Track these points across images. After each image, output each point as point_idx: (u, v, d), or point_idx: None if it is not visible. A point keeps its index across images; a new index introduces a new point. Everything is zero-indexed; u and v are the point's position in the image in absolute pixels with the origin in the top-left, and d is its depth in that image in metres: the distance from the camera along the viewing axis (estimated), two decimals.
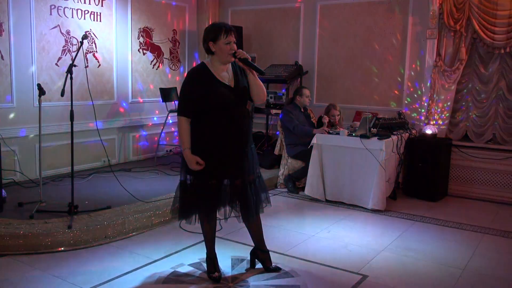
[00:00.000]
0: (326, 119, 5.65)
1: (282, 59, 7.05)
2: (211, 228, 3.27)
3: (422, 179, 5.54)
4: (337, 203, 5.24)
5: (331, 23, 6.62)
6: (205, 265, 3.38)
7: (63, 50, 5.65)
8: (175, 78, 7.25)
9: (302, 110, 5.81)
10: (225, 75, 3.03)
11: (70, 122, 4.02)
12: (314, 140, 5.31)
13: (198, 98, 2.95)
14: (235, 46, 3.00)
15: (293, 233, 4.29)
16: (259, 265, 3.45)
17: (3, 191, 4.32)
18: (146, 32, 6.72)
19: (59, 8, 5.58)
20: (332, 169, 5.27)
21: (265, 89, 3.12)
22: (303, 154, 5.58)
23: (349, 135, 5.24)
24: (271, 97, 6.70)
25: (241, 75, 3.07)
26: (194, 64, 7.50)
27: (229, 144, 3.02)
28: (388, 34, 6.22)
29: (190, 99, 2.97)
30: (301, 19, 6.85)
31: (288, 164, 5.80)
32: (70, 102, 4.01)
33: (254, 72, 3.07)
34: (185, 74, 7.40)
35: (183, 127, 3.00)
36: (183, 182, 3.13)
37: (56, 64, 5.59)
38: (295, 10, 6.92)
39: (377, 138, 5.04)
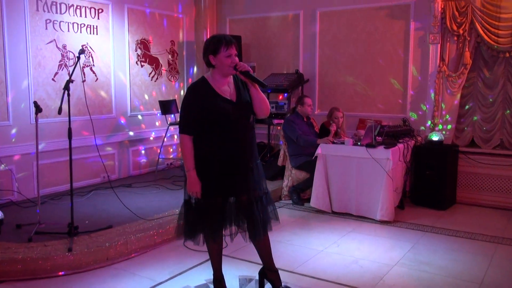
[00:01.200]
0: (334, 127, 5.55)
1: (282, 67, 7.00)
2: (218, 248, 3.15)
3: (429, 187, 5.44)
4: (344, 214, 5.13)
5: (331, 30, 6.57)
6: (212, 286, 3.24)
7: (60, 65, 5.58)
8: (174, 90, 7.18)
9: (304, 119, 5.72)
10: (226, 89, 2.95)
11: (68, 139, 3.94)
12: (318, 150, 5.22)
13: (199, 114, 2.88)
14: (236, 59, 2.92)
15: (300, 248, 4.16)
16: (268, 286, 3.31)
17: (0, 212, 4.19)
18: (143, 44, 6.66)
19: (55, 22, 5.50)
20: (338, 179, 5.17)
21: (268, 103, 3.03)
22: (308, 164, 5.49)
23: (354, 144, 5.14)
24: (272, 107, 6.62)
25: (243, 89, 3.00)
26: (193, 76, 7.44)
27: (233, 160, 2.93)
28: (389, 40, 6.16)
29: (191, 115, 2.89)
30: (301, 26, 6.80)
31: (292, 175, 5.70)
32: (68, 118, 3.93)
33: (256, 85, 2.97)
34: (181, 84, 7.32)
35: (186, 146, 2.91)
36: (187, 201, 3.04)
37: (53, 79, 5.51)
38: (294, 17, 6.87)
39: (383, 147, 4.94)
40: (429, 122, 5.87)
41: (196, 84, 2.97)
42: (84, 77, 5.82)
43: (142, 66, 6.66)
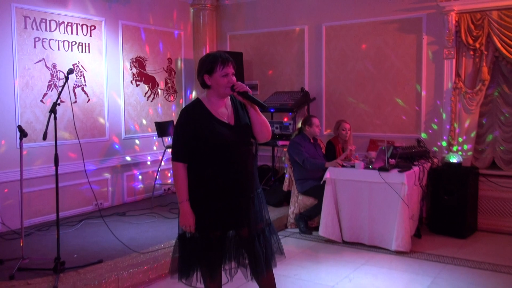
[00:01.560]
0: (353, 147, 5.49)
1: (287, 85, 6.95)
2: (217, 287, 2.98)
3: (448, 214, 5.28)
4: (356, 244, 4.97)
5: (338, 45, 6.52)
6: None
7: (49, 85, 5.51)
8: (171, 110, 7.11)
9: (311, 141, 5.60)
10: (224, 111, 2.88)
11: (55, 166, 3.84)
12: (327, 175, 5.09)
13: (194, 140, 2.79)
14: (233, 79, 2.84)
15: (309, 284, 3.99)
16: None
17: None
18: (139, 62, 6.61)
19: (44, 40, 5.45)
20: (349, 206, 5.03)
21: (269, 126, 2.95)
22: (315, 190, 5.38)
23: (366, 168, 5.01)
24: (276, 128, 6.53)
25: (242, 111, 2.93)
26: (191, 96, 7.37)
27: (232, 190, 2.83)
28: (400, 55, 6.09)
29: (185, 141, 2.81)
30: (306, 42, 6.77)
31: (298, 202, 5.58)
32: (55, 144, 3.83)
33: (256, 107, 2.88)
34: (181, 101, 7.22)
35: (179, 175, 2.81)
36: (182, 235, 2.92)
37: (41, 101, 5.45)
38: (299, 32, 6.84)
39: (398, 171, 4.82)
40: (444, 143, 5.73)
41: (189, 107, 2.89)
42: (75, 98, 5.77)
43: (137, 85, 6.61)
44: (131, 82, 6.52)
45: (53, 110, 3.77)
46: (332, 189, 5.08)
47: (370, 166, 5.01)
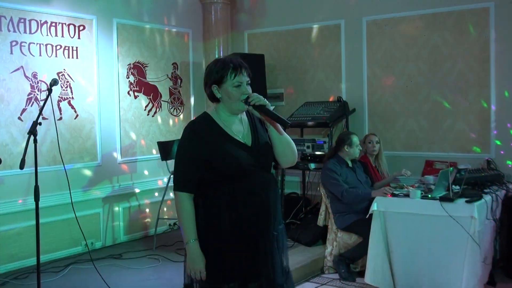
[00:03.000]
0: (407, 173, 5.52)
1: (320, 94, 6.99)
2: None
3: None
4: None
5: (383, 44, 6.54)
6: None
7: (29, 99, 5.55)
8: (177, 127, 7.13)
9: (349, 165, 5.50)
10: (238, 128, 2.88)
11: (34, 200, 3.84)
12: (374, 206, 4.94)
13: (202, 164, 2.77)
14: (248, 89, 2.81)
15: None
16: None
17: None
18: (137, 69, 6.63)
19: (23, 44, 5.49)
20: (403, 246, 4.91)
21: (295, 146, 2.93)
22: (359, 225, 5.29)
23: (424, 197, 4.88)
24: (308, 147, 6.51)
25: (262, 129, 2.94)
26: (202, 108, 7.30)
27: (250, 229, 2.79)
28: (462, 55, 6.10)
29: (191, 166, 2.79)
30: (342, 40, 6.83)
31: (338, 240, 5.52)
32: (35, 173, 3.83)
33: (277, 124, 2.83)
34: (189, 116, 7.16)
35: (184, 208, 2.78)
36: (189, 286, 2.88)
37: (19, 118, 5.48)
38: (333, 29, 6.87)
39: (465, 201, 4.64)
40: None
41: (196, 122, 2.89)
42: (60, 114, 5.80)
43: (135, 97, 6.62)
44: (128, 93, 6.53)
45: (32, 131, 3.77)
46: (380, 224, 4.96)
47: (429, 195, 4.86)
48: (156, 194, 6.84)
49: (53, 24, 5.71)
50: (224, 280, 2.77)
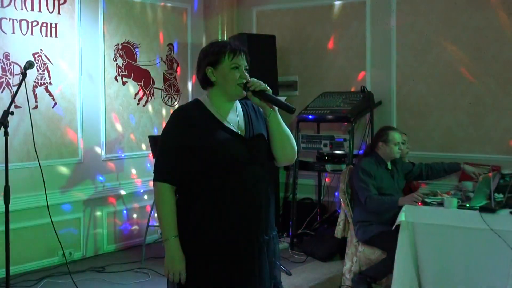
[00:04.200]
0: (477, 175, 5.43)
1: (340, 84, 6.99)
2: None
3: None
4: None
5: (416, 24, 6.55)
6: None
7: None
8: None
9: (388, 166, 5.49)
10: (232, 118, 2.97)
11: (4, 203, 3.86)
12: (401, 216, 4.94)
13: (188, 153, 2.85)
14: (245, 74, 2.91)
15: None
16: None
17: None
18: (126, 50, 6.66)
19: None
20: (435, 263, 4.89)
21: (294, 141, 3.01)
22: (384, 237, 5.26)
23: (460, 206, 4.86)
24: (325, 145, 6.53)
25: (257, 119, 3.04)
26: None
27: (239, 232, 2.86)
28: (510, 38, 6.04)
29: (175, 154, 2.87)
30: (367, 20, 6.85)
31: (359, 255, 5.49)
32: (5, 170, 3.86)
33: (276, 110, 2.92)
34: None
35: (164, 200, 2.87)
36: None
37: None
38: (356, 6, 6.89)
39: (509, 212, 4.64)
40: None
41: (185, 108, 2.98)
42: (36, 101, 5.82)
43: (124, 83, 6.65)
44: (116, 78, 6.57)
45: (3, 122, 3.78)
46: (409, 237, 4.94)
47: (467, 205, 4.85)
48: (146, 197, 6.89)
49: None
50: (206, 285, 2.84)
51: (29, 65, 4.03)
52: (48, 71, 5.92)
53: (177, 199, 2.91)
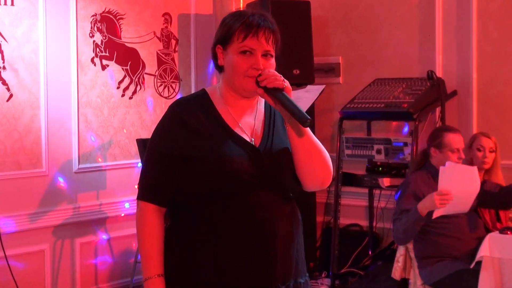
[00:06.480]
0: None
1: (399, 67, 7.06)
2: None
3: None
4: None
5: None
6: None
7: None
8: None
9: None
10: (248, 121, 2.98)
11: None
12: (485, 250, 5.00)
13: (181, 165, 2.88)
14: (260, 63, 2.83)
15: None
16: None
17: None
18: (107, 23, 6.72)
19: None
20: None
21: (328, 158, 2.94)
22: (459, 279, 5.29)
23: None
24: (378, 151, 6.59)
25: (281, 127, 3.02)
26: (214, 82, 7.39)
27: (242, 278, 2.85)
28: None
29: (164, 166, 2.92)
30: None
31: None
32: None
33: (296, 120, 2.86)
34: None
35: (147, 226, 2.91)
36: None
37: None
38: None
39: None
40: None
41: (183, 103, 3.00)
42: None
43: (104, 67, 6.71)
44: (93, 60, 6.63)
45: None
46: (494, 278, 4.97)
47: None
48: (131, 220, 6.84)
49: None
50: None
51: None
52: (1, 52, 5.96)
53: (167, 226, 2.93)
